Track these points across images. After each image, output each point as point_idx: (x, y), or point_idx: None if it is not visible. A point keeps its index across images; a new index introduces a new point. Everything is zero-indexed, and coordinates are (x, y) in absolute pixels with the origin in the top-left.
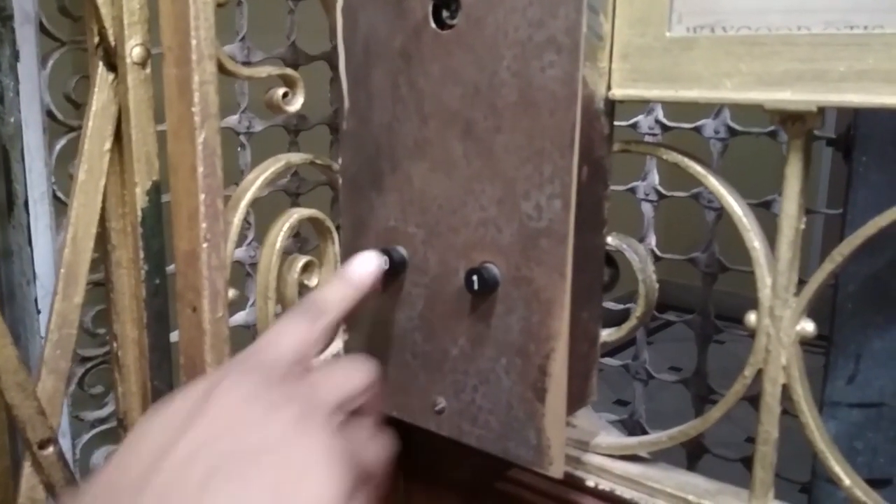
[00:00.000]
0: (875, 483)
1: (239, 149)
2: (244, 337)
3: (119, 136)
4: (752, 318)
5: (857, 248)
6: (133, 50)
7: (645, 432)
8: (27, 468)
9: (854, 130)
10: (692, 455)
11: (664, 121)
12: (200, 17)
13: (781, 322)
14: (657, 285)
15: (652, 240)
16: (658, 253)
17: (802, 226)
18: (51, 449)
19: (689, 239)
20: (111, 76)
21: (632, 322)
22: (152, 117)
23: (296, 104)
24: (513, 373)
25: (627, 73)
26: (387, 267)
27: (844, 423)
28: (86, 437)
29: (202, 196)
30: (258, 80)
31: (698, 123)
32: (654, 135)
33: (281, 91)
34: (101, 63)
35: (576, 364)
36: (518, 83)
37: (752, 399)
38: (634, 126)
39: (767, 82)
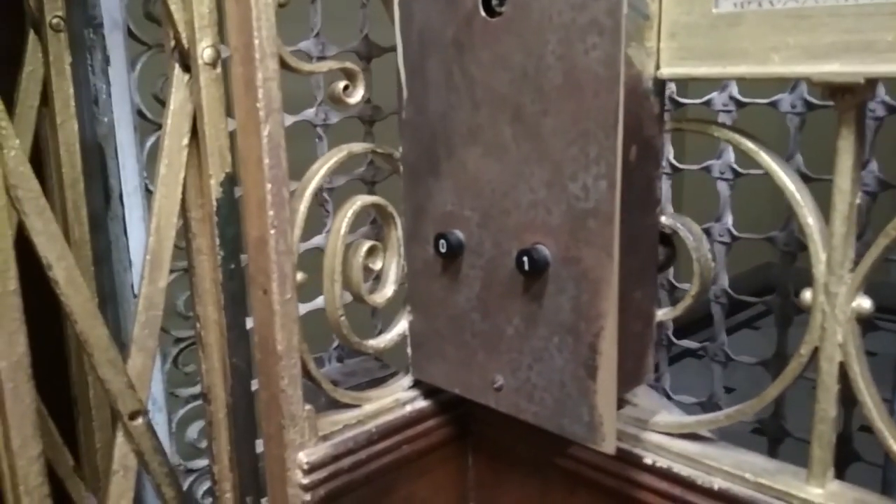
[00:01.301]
0: None
1: (317, 140)
2: (322, 317)
3: (196, 133)
4: (807, 295)
5: None
6: (204, 51)
7: None
8: (119, 437)
9: None
10: (773, 440)
11: (738, 97)
12: (262, 17)
13: (837, 299)
14: (713, 264)
15: (728, 219)
16: (735, 233)
17: (858, 200)
18: (140, 420)
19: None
20: (186, 76)
21: (687, 301)
22: (224, 114)
23: (356, 96)
24: (565, 351)
25: (675, 51)
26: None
27: None
28: (181, 412)
29: (269, 186)
30: (326, 75)
31: (774, 98)
32: (729, 111)
33: (342, 84)
34: (176, 65)
35: (629, 343)
36: (563, 66)
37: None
38: (708, 103)
39: (815, 55)
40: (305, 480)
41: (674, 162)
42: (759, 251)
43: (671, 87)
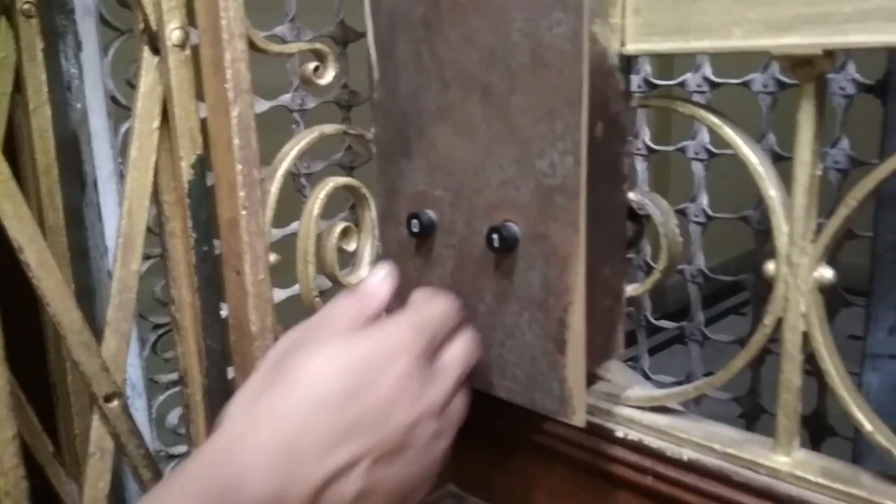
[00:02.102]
0: None
1: (294, 126)
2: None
3: (166, 116)
4: (770, 267)
5: (871, 192)
6: (172, 33)
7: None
8: (95, 420)
9: (890, 76)
10: (749, 417)
11: (712, 77)
12: None
13: (799, 269)
14: (681, 240)
15: (703, 199)
16: (710, 212)
17: (819, 172)
18: (115, 402)
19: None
20: (155, 59)
21: (655, 276)
22: (194, 96)
23: (327, 77)
24: (535, 326)
25: (640, 27)
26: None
27: (887, 374)
28: (161, 398)
29: (239, 167)
30: (291, 56)
31: (747, 78)
32: (703, 92)
33: (312, 65)
34: (146, 47)
35: (599, 318)
36: (529, 44)
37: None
38: (683, 84)
39: (775, 28)
40: None
41: (649, 143)
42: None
43: (646, 70)
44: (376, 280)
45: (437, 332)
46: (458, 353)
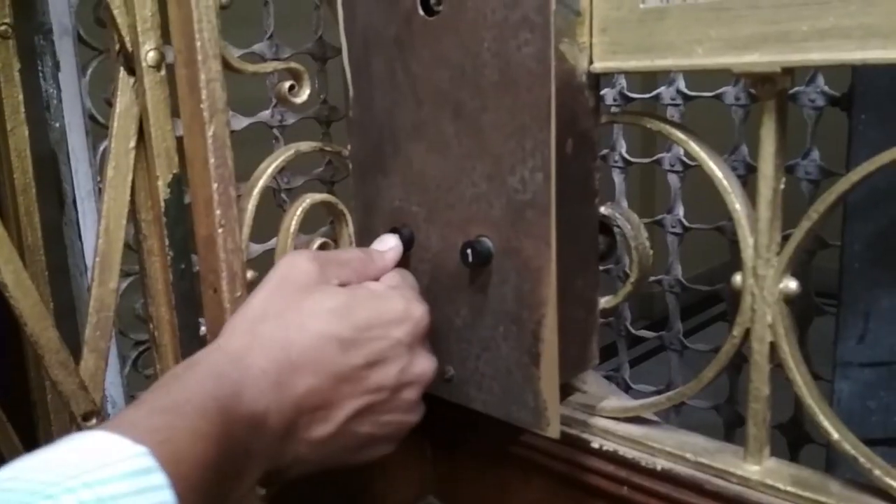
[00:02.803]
0: (891, 442)
1: (274, 141)
2: None
3: (143, 135)
4: (737, 279)
5: (832, 205)
6: (148, 54)
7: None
8: None
9: (853, 88)
10: (728, 425)
11: (686, 91)
12: (203, 20)
13: (765, 281)
14: (651, 252)
15: (680, 211)
16: (686, 223)
17: (782, 186)
18: (94, 421)
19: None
20: (131, 79)
21: (627, 288)
22: (169, 115)
23: (302, 96)
24: (510, 340)
25: (607, 46)
26: (401, 248)
27: (857, 382)
28: None
29: (215, 185)
30: (265, 76)
31: (719, 91)
32: (677, 105)
33: (287, 84)
34: (122, 68)
35: (572, 330)
36: (498, 63)
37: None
38: (657, 98)
39: (735, 46)
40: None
41: (626, 156)
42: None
43: (622, 84)
44: (384, 247)
45: (427, 325)
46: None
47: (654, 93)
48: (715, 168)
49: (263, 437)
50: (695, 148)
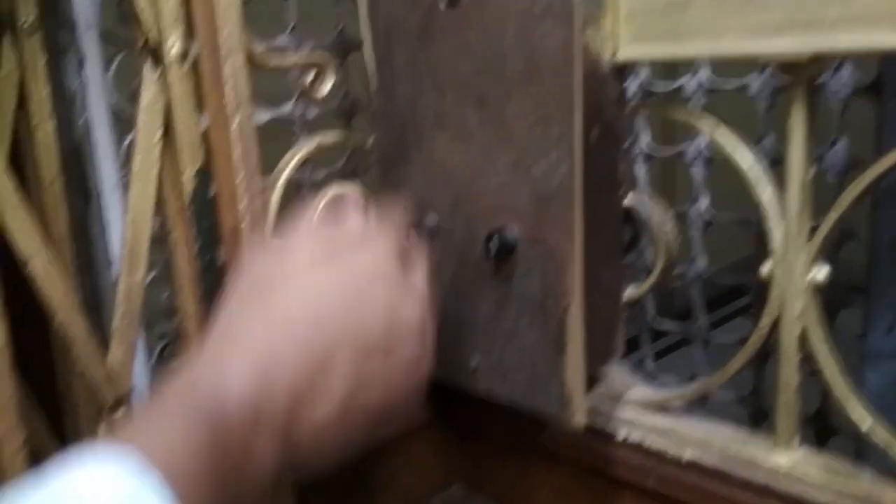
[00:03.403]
0: None
1: (294, 136)
2: None
3: (168, 128)
4: (765, 268)
5: (862, 193)
6: (172, 47)
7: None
8: (102, 429)
9: (881, 76)
10: (754, 417)
11: (709, 81)
12: (227, 13)
13: (795, 270)
14: (677, 242)
15: (704, 202)
16: (710, 216)
17: (812, 173)
18: (122, 410)
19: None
20: (156, 73)
21: (652, 278)
22: (194, 108)
23: (324, 90)
24: (535, 330)
25: (632, 35)
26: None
27: (887, 373)
28: None
29: (239, 177)
30: (287, 70)
31: (744, 81)
32: (701, 95)
33: (310, 77)
34: (146, 61)
35: (598, 320)
36: (522, 53)
37: None
38: (679, 90)
39: (764, 33)
40: None
41: (648, 150)
42: None
43: (644, 76)
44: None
45: (405, 250)
46: (421, 276)
47: (677, 84)
48: (743, 156)
49: (261, 434)
50: (722, 136)
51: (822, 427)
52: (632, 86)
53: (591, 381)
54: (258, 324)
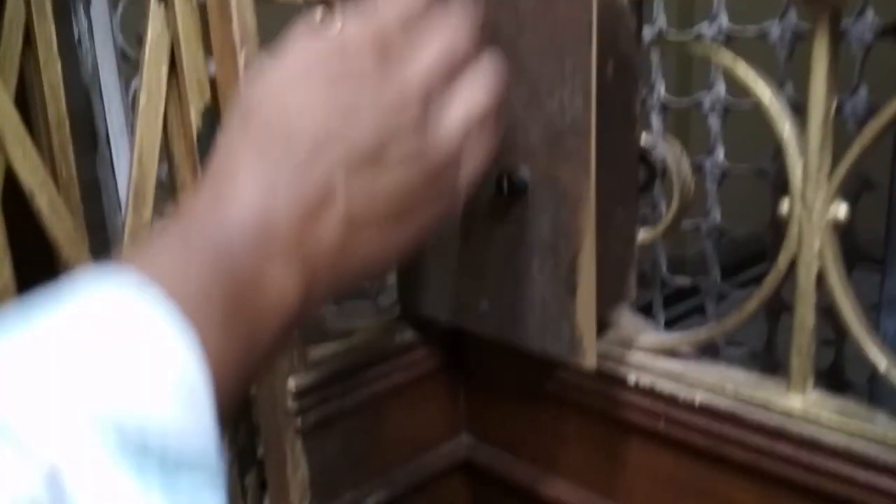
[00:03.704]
0: None
1: None
2: None
3: (174, 65)
4: (784, 205)
5: (886, 126)
6: None
7: (717, 350)
8: None
9: None
10: (766, 371)
11: (727, 28)
12: None
13: (814, 206)
14: (692, 182)
15: (720, 153)
16: (727, 164)
17: (833, 107)
18: None
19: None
20: (162, 8)
21: (667, 219)
22: (201, 44)
23: (334, 28)
24: (546, 271)
25: None
26: None
27: None
28: None
29: None
30: (297, 6)
31: (764, 26)
32: (718, 42)
33: (318, 15)
34: None
35: (610, 262)
36: None
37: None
38: (699, 38)
39: None
40: (295, 405)
41: (664, 98)
42: None
43: (661, 23)
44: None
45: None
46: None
47: (695, 30)
48: (764, 91)
49: (272, 261)
50: (743, 71)
51: (836, 381)
52: (647, 34)
53: (602, 326)
54: (252, 147)
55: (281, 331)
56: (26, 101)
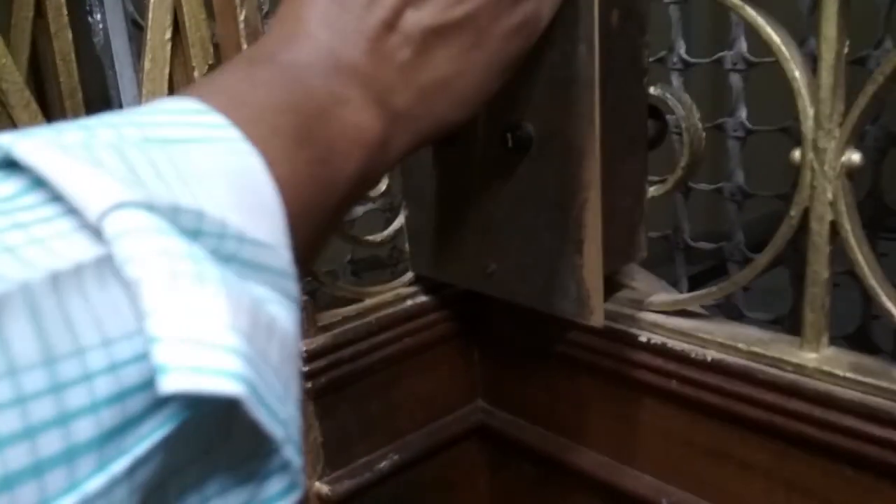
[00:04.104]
0: None
1: None
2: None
3: (178, 27)
4: (796, 154)
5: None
6: None
7: (741, 315)
8: None
9: None
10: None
11: None
12: None
13: (826, 154)
14: (703, 135)
15: (742, 112)
16: (749, 126)
17: (846, 50)
18: None
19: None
20: None
21: (678, 173)
22: (203, 4)
23: None
24: (552, 228)
25: None
26: None
27: None
28: None
29: None
30: None
31: None
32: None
33: None
34: None
35: (618, 218)
36: None
37: None
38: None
39: None
40: (305, 368)
41: (685, 56)
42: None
43: None
44: None
45: None
46: None
47: None
48: (773, 34)
49: (346, 84)
50: (750, 14)
51: (863, 347)
52: None
53: (614, 286)
54: None
55: (362, 165)
56: (39, 71)
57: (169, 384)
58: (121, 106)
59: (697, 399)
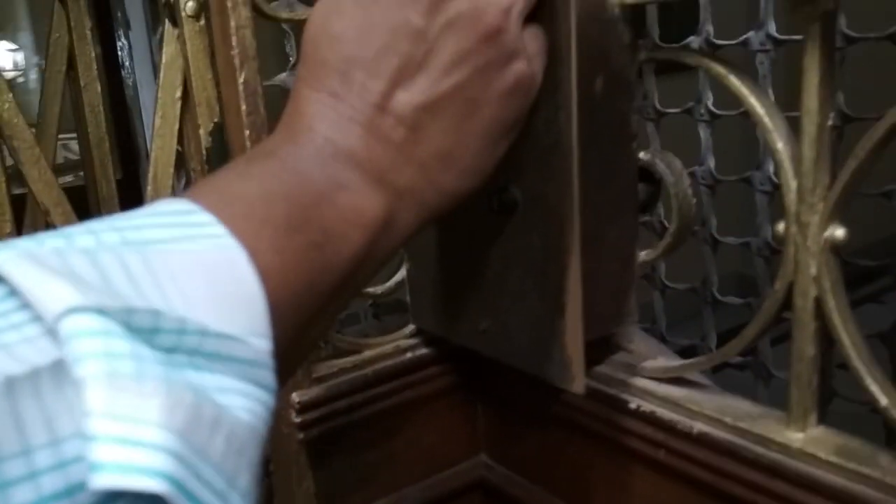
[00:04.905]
0: None
1: None
2: None
3: (187, 85)
4: (779, 227)
5: (879, 143)
6: (187, 4)
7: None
8: None
9: None
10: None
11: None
12: None
13: (809, 229)
14: (693, 200)
15: (710, 162)
16: (717, 175)
17: (830, 122)
18: None
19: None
20: (175, 31)
21: (667, 240)
22: (209, 65)
23: None
24: (537, 291)
25: None
26: None
27: None
28: None
29: (247, 132)
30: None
31: (744, 37)
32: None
33: None
34: (166, 19)
35: (605, 282)
36: None
37: None
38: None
39: None
40: (298, 419)
41: (657, 106)
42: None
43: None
44: None
45: None
46: None
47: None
48: (756, 104)
49: (342, 169)
50: (735, 82)
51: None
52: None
53: (610, 348)
54: (314, 84)
55: (363, 246)
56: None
57: (99, 481)
58: (147, 156)
59: (685, 472)
